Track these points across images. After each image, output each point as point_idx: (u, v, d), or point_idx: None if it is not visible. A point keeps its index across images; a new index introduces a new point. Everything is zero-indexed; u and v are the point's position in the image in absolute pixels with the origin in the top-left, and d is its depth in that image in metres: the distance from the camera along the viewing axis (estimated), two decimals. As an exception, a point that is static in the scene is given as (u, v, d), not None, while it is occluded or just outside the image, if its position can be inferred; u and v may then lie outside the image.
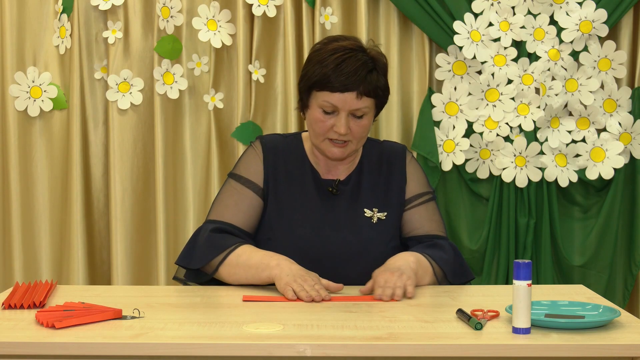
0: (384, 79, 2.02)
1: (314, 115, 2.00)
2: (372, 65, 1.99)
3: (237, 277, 1.94)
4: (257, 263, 1.90)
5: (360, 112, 1.98)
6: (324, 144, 2.03)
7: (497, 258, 3.09)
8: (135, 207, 3.15)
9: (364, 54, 1.99)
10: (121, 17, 3.11)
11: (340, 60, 1.95)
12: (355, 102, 1.96)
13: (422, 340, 1.45)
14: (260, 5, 3.05)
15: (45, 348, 1.43)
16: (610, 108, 3.04)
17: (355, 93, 1.96)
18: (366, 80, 1.96)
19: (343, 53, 1.96)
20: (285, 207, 2.06)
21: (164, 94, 3.09)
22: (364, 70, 1.96)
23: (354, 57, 1.96)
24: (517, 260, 1.48)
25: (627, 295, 3.15)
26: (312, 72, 1.99)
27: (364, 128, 2.01)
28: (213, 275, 1.98)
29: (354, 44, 2.00)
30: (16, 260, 3.17)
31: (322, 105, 1.98)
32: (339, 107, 1.97)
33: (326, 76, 1.95)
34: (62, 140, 3.18)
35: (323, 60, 1.97)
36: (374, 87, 1.98)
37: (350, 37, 2.06)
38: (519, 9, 3.01)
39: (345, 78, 1.94)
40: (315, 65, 1.98)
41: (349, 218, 2.06)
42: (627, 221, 3.13)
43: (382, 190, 2.10)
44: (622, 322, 1.57)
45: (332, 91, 1.96)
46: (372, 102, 2.00)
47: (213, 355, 1.43)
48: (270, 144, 2.12)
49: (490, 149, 3.06)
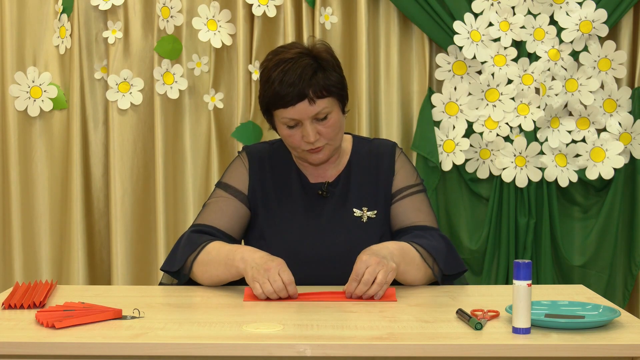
0: (335, 73, 1.99)
1: (282, 132, 2.01)
2: (315, 65, 1.95)
3: (209, 276, 1.93)
4: (225, 259, 1.89)
5: (322, 114, 1.97)
6: (302, 154, 2.03)
7: (497, 258, 3.09)
8: (135, 207, 3.15)
9: (307, 58, 1.96)
10: (121, 17, 3.11)
11: (282, 73, 1.93)
12: (311, 108, 1.95)
13: (422, 340, 1.45)
14: (260, 5, 3.05)
15: (45, 348, 1.43)
16: (610, 108, 3.04)
17: (307, 100, 1.94)
18: (312, 83, 1.93)
19: (284, 65, 1.94)
20: (275, 214, 2.07)
21: (164, 94, 3.09)
22: (307, 74, 1.93)
23: (294, 64, 1.94)
24: (517, 260, 1.48)
25: (627, 295, 3.15)
26: (263, 94, 1.99)
27: (333, 127, 1.99)
28: (190, 275, 1.97)
29: (294, 52, 1.97)
30: (16, 260, 3.17)
31: (284, 122, 1.98)
32: (298, 118, 1.96)
33: (276, 93, 1.94)
34: (62, 140, 3.18)
35: (269, 79, 1.96)
36: (324, 87, 1.95)
37: (293, 45, 2.02)
38: (519, 9, 3.01)
39: (291, 89, 1.92)
40: (264, 86, 1.99)
41: (339, 219, 2.06)
42: (627, 221, 3.13)
43: (372, 188, 2.09)
44: (622, 322, 1.57)
45: (285, 107, 1.95)
46: (330, 101, 1.98)
47: (213, 355, 1.43)
48: (256, 154, 2.13)
49: (490, 149, 3.06)
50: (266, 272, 1.78)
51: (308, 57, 1.97)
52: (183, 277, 2.00)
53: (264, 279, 1.77)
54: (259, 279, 1.78)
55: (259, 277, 1.78)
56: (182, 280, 2.00)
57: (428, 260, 1.95)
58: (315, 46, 2.01)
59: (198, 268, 1.94)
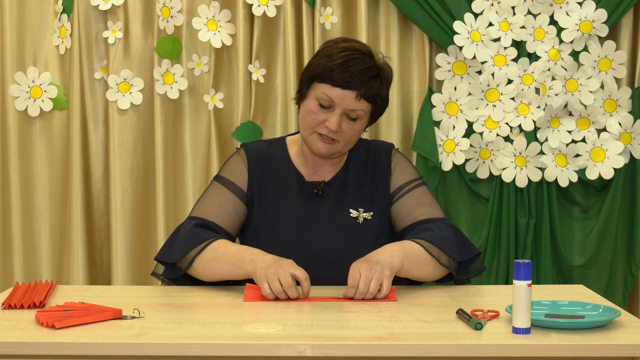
0: (386, 90, 2.02)
1: (309, 106, 2.00)
2: (377, 72, 1.99)
3: (212, 273, 1.92)
4: (232, 259, 1.88)
5: (355, 114, 1.98)
6: (312, 137, 2.02)
7: (497, 258, 3.09)
8: (135, 207, 3.15)
9: (372, 60, 1.99)
10: (121, 17, 3.11)
11: (347, 58, 1.95)
12: (354, 102, 1.96)
13: (422, 340, 1.45)
14: (260, 5, 3.05)
15: (45, 348, 1.43)
16: (610, 108, 3.04)
17: (356, 93, 1.95)
18: (368, 84, 1.96)
19: (352, 52, 1.97)
20: (271, 212, 2.06)
21: (164, 94, 3.09)
22: (369, 74, 1.96)
23: (362, 60, 1.96)
24: (517, 260, 1.47)
25: (627, 295, 3.15)
26: (317, 64, 1.99)
27: (355, 131, 2.01)
28: (187, 270, 1.96)
29: (365, 48, 2.01)
30: (16, 260, 3.17)
31: (320, 97, 1.97)
32: (336, 102, 1.96)
33: (330, 70, 1.95)
34: (62, 140, 3.18)
35: (331, 55, 1.97)
36: (375, 94, 1.98)
37: (363, 43, 2.06)
38: (519, 9, 3.01)
39: (348, 75, 1.94)
40: (322, 58, 1.98)
41: (335, 219, 2.05)
42: (627, 221, 3.13)
43: (368, 190, 2.09)
44: (622, 322, 1.57)
45: (333, 85, 1.95)
46: (369, 108, 2.00)
47: (213, 355, 1.43)
48: (255, 152, 2.12)
49: (490, 149, 3.06)
50: (277, 270, 1.78)
51: (373, 61, 1.99)
52: (178, 271, 1.98)
53: (274, 278, 1.77)
54: (269, 277, 1.77)
55: (269, 275, 1.77)
56: (176, 273, 1.99)
57: (433, 252, 1.92)
58: (382, 59, 2.03)
59: (200, 264, 1.93)
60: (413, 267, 1.89)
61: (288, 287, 1.76)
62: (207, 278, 1.94)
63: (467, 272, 2.01)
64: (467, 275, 2.02)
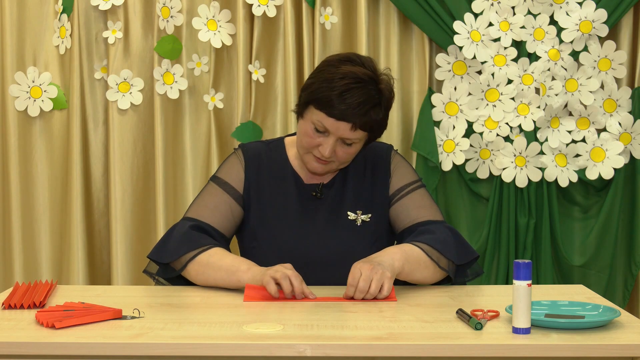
0: (385, 112, 1.98)
1: (305, 128, 1.98)
2: (377, 100, 1.94)
3: (205, 277, 1.91)
4: (229, 266, 1.88)
5: (350, 141, 1.97)
6: (307, 156, 2.02)
7: (497, 258, 3.09)
8: (135, 207, 3.15)
9: (373, 87, 1.94)
10: (121, 17, 3.11)
11: (347, 87, 1.90)
12: (349, 132, 1.94)
13: (422, 340, 1.45)
14: (260, 5, 3.05)
15: (45, 348, 1.43)
16: (610, 108, 3.04)
17: (351, 125, 1.93)
18: (366, 116, 1.92)
19: (352, 81, 1.91)
20: (269, 214, 2.06)
21: (164, 94, 3.09)
22: (367, 105, 1.91)
23: (361, 89, 1.91)
24: (517, 260, 1.47)
25: (627, 295, 3.15)
26: (316, 88, 1.94)
27: (350, 155, 2.00)
28: (181, 272, 1.96)
29: (366, 74, 1.93)
30: (16, 260, 3.17)
31: (315, 123, 1.95)
32: (330, 131, 1.94)
33: (329, 99, 1.91)
34: (62, 140, 3.18)
35: (331, 81, 1.92)
36: (370, 122, 1.94)
37: (366, 62, 1.97)
38: (519, 9, 3.01)
39: (345, 108, 1.90)
40: (322, 83, 1.93)
41: (333, 222, 2.04)
42: (627, 221, 3.13)
43: (367, 192, 2.08)
44: (622, 322, 1.57)
45: (329, 115, 1.92)
46: (365, 135, 1.98)
47: (213, 355, 1.43)
48: (253, 153, 2.11)
49: (490, 149, 3.06)
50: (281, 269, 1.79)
51: (374, 87, 1.93)
52: (171, 272, 1.98)
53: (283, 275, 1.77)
54: (277, 276, 1.77)
55: (276, 275, 1.78)
56: (168, 274, 1.98)
57: (433, 255, 1.92)
58: (384, 79, 1.98)
59: (194, 267, 1.93)
60: (413, 270, 1.89)
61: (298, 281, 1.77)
62: (199, 282, 1.94)
63: (465, 275, 2.02)
64: (465, 277, 2.02)
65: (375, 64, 2.00)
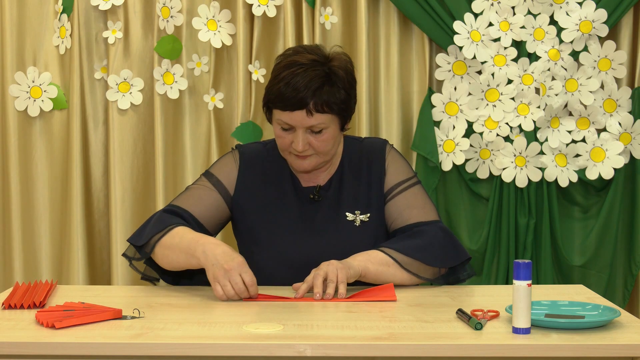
0: (344, 91, 1.95)
1: (275, 131, 1.99)
2: (325, 79, 1.92)
3: (169, 260, 1.89)
4: (186, 248, 1.85)
5: (317, 128, 1.94)
6: (289, 157, 2.02)
7: (497, 258, 3.09)
8: (135, 207, 3.15)
9: (320, 68, 1.92)
10: (121, 17, 3.11)
11: (291, 75, 1.90)
12: (307, 119, 1.92)
13: (422, 340, 1.45)
14: (260, 5, 3.05)
15: (45, 348, 1.43)
16: (610, 108, 3.04)
17: (305, 111, 1.91)
18: (315, 96, 1.90)
19: (296, 68, 1.91)
20: (268, 218, 2.05)
21: (164, 94, 3.09)
22: (315, 84, 1.90)
23: (304, 73, 1.90)
24: (517, 260, 1.48)
25: (627, 295, 3.15)
26: (268, 88, 1.96)
27: (325, 142, 1.97)
28: (150, 254, 1.94)
29: (309, 58, 1.93)
30: (16, 260, 3.17)
31: (279, 122, 1.96)
32: (292, 125, 1.94)
33: (279, 93, 1.91)
34: (62, 140, 3.18)
35: (277, 75, 1.94)
36: (327, 102, 1.91)
37: (311, 49, 1.98)
38: (519, 9, 3.01)
39: (295, 94, 1.89)
40: (272, 81, 1.96)
41: (331, 223, 2.03)
42: (627, 221, 3.13)
43: (364, 191, 2.06)
44: (622, 322, 1.57)
45: (283, 110, 1.93)
46: (330, 117, 1.94)
47: (213, 355, 1.43)
48: (249, 155, 2.11)
49: (490, 149, 3.06)
50: (227, 272, 1.76)
51: (321, 68, 1.93)
52: (144, 255, 1.96)
53: (225, 281, 1.76)
54: (220, 280, 1.76)
55: (219, 277, 1.77)
56: (143, 256, 1.97)
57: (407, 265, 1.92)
58: (334, 58, 1.96)
59: (160, 250, 1.91)
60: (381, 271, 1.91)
61: (241, 292, 1.76)
62: (166, 266, 1.92)
63: (455, 276, 2.01)
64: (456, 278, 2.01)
65: (323, 49, 1.99)
